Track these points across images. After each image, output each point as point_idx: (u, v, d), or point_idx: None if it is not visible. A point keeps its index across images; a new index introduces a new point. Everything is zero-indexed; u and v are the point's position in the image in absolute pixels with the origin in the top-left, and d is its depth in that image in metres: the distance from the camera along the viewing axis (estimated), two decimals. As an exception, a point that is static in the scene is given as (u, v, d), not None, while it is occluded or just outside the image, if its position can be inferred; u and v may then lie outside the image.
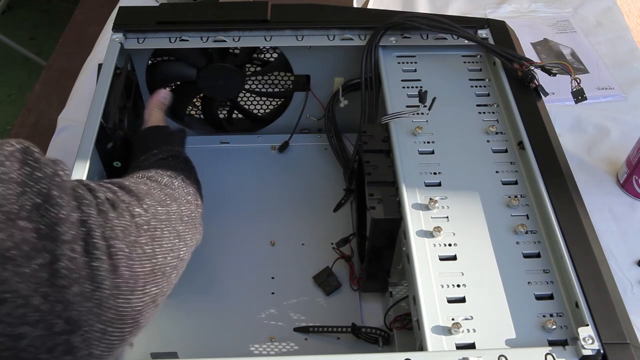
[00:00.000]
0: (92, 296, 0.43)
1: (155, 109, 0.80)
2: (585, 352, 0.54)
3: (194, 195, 0.65)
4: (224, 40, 0.86)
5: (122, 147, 0.77)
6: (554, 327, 0.56)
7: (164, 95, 0.82)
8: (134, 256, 0.47)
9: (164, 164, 0.68)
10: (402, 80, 0.82)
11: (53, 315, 0.41)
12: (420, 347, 0.57)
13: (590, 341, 0.54)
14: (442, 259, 0.62)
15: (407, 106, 0.77)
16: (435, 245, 0.63)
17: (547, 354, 0.54)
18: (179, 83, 0.95)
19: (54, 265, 0.41)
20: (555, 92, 1.00)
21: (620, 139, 1.02)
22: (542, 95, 0.79)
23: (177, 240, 0.54)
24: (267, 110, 1.02)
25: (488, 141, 0.74)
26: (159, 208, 0.54)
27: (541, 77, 0.80)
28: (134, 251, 0.47)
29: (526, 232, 0.64)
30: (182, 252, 0.55)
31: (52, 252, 0.41)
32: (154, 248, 0.50)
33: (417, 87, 0.80)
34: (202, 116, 0.99)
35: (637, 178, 0.93)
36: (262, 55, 0.97)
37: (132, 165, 0.71)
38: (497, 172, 0.71)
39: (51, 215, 0.41)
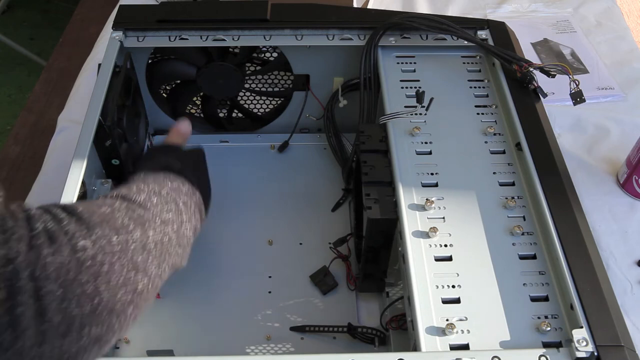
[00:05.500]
0: (12, 346, 0.39)
1: (175, 135, 0.76)
2: (579, 355, 0.54)
3: (177, 212, 0.59)
4: (224, 39, 0.86)
5: (121, 145, 0.77)
6: (549, 328, 0.57)
7: (185, 126, 0.78)
8: (69, 297, 0.42)
9: (151, 177, 0.62)
10: (401, 81, 0.82)
11: None
12: (414, 347, 0.57)
13: (585, 343, 0.54)
14: (437, 259, 0.62)
15: (406, 106, 0.77)
16: (430, 245, 0.63)
17: (541, 355, 0.54)
18: (178, 82, 0.95)
19: None
20: (556, 92, 1.00)
21: (620, 139, 1.02)
22: (541, 96, 0.79)
23: (132, 273, 0.49)
24: (267, 110, 1.02)
25: (486, 142, 0.74)
26: (114, 238, 0.48)
27: (542, 77, 0.80)
28: (69, 291, 0.42)
29: (522, 234, 0.65)
30: (140, 285, 0.49)
31: None
32: (97, 286, 0.44)
33: (416, 87, 0.80)
34: (202, 115, 0.99)
35: (637, 178, 0.92)
36: (262, 55, 0.97)
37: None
38: (494, 173, 0.71)
39: None
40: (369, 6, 1.29)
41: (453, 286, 0.60)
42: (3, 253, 0.39)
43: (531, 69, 0.78)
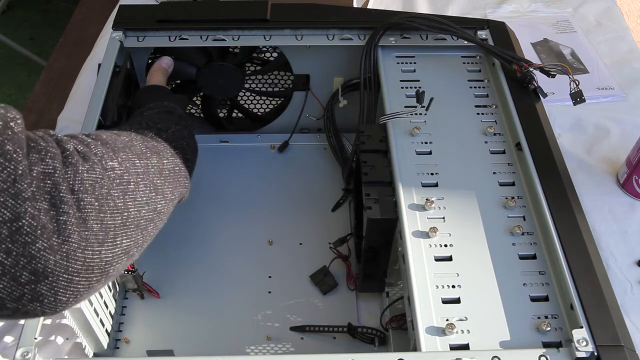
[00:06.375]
0: (60, 249, 0.43)
1: (157, 72, 0.81)
2: (579, 355, 0.54)
3: (182, 149, 0.65)
4: (224, 39, 0.86)
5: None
6: (549, 328, 0.57)
7: (166, 61, 0.84)
8: (105, 209, 0.47)
9: (157, 116, 0.68)
10: (401, 81, 0.82)
11: (18, 268, 0.41)
12: (415, 347, 0.57)
13: (585, 343, 0.54)
14: (437, 259, 0.62)
15: (406, 106, 0.77)
16: (430, 245, 0.63)
17: (541, 355, 0.54)
18: (178, 82, 0.95)
19: (15, 222, 0.40)
20: (556, 92, 1.00)
21: (620, 139, 1.02)
22: (540, 96, 0.79)
23: (153, 194, 0.54)
24: (267, 110, 1.02)
25: (486, 142, 0.74)
26: (137, 161, 0.54)
27: (542, 77, 0.80)
28: (104, 204, 0.47)
29: (522, 234, 0.65)
30: (159, 205, 0.55)
31: (13, 209, 0.40)
32: (126, 201, 0.50)
33: (416, 87, 0.80)
34: (202, 115, 0.99)
35: (637, 178, 0.92)
36: (262, 55, 0.97)
37: (128, 120, 0.71)
38: (494, 173, 0.71)
39: (8, 171, 0.40)
40: (369, 6, 1.29)
41: (453, 286, 0.60)
42: (40, 169, 0.43)
43: (531, 69, 0.78)
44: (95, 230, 0.46)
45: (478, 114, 0.78)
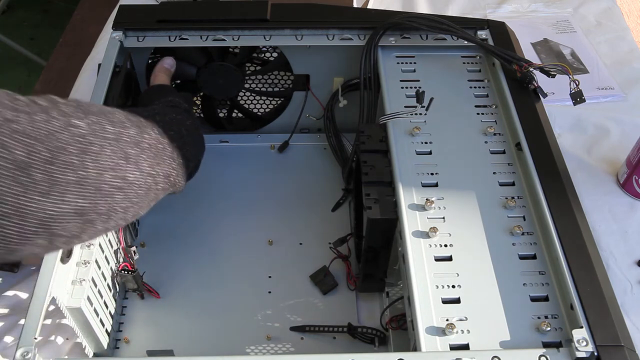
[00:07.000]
0: None
1: (160, 72, 0.82)
2: (579, 355, 0.54)
3: (178, 134, 0.63)
4: (224, 39, 0.86)
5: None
6: (549, 328, 0.57)
7: (169, 61, 0.85)
8: (56, 162, 0.45)
9: (158, 108, 0.67)
10: (401, 81, 0.82)
11: None
12: (415, 347, 0.57)
13: (585, 343, 0.54)
14: (437, 259, 0.62)
15: (406, 106, 0.77)
16: (430, 245, 0.63)
17: (541, 355, 0.54)
18: (178, 82, 0.95)
19: None
20: (556, 92, 1.00)
21: (620, 139, 1.02)
22: (540, 96, 0.79)
23: (123, 162, 0.52)
24: (267, 110, 1.02)
25: (486, 142, 0.74)
26: (109, 127, 0.52)
27: (542, 77, 0.80)
28: (57, 156, 0.46)
29: (522, 234, 0.65)
30: (130, 175, 0.53)
31: None
32: (83, 160, 0.48)
33: (416, 87, 0.80)
34: (201, 115, 0.99)
35: (637, 178, 0.92)
36: (262, 55, 0.97)
37: None
38: (494, 173, 0.71)
39: None
40: (369, 6, 1.29)
41: (453, 286, 0.60)
42: None
43: (531, 69, 0.78)
44: (37, 179, 0.44)
45: (478, 114, 0.78)
